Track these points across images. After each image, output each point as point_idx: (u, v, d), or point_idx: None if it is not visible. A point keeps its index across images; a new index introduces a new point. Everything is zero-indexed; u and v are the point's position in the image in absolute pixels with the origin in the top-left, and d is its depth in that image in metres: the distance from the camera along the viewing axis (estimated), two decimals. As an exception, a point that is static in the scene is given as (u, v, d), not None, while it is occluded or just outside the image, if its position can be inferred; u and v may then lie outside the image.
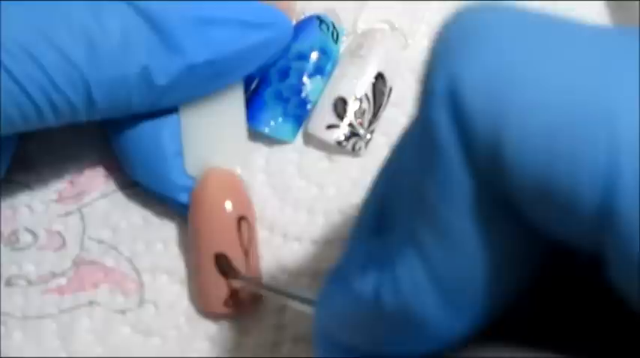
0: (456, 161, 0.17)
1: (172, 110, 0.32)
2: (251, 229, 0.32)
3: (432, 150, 0.17)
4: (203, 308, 0.33)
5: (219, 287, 0.32)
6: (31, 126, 0.29)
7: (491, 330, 0.19)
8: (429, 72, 0.18)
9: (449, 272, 0.18)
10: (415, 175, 0.18)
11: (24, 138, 0.34)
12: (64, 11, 0.28)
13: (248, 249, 0.32)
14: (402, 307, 0.19)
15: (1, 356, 0.33)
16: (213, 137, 0.33)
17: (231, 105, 0.33)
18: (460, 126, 0.17)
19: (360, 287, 0.20)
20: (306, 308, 0.27)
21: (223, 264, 0.32)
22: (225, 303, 0.32)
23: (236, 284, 0.32)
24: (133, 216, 0.34)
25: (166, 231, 0.34)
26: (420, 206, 0.18)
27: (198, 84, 0.31)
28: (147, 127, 0.32)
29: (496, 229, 0.18)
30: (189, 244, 0.33)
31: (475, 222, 0.17)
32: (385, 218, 0.21)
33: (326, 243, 0.34)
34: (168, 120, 0.32)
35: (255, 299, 0.33)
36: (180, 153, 0.33)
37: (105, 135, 0.34)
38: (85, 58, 0.28)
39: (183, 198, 0.33)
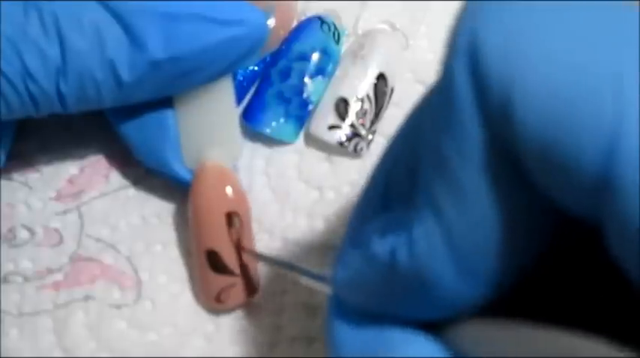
0: (471, 114, 0.18)
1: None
2: (243, 225, 0.32)
3: (449, 104, 0.19)
4: (198, 302, 0.33)
5: (210, 283, 0.32)
6: (16, 114, 0.30)
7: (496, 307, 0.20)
8: (454, 30, 0.19)
9: (462, 234, 0.19)
10: (432, 133, 0.19)
11: (24, 137, 0.34)
12: (39, 6, 0.29)
13: (240, 244, 0.32)
14: (416, 270, 0.20)
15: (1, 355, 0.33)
16: (205, 130, 0.33)
17: (222, 99, 0.33)
18: (476, 79, 0.18)
19: (377, 250, 0.21)
20: (316, 284, 0.28)
21: (214, 260, 0.32)
22: (217, 299, 0.32)
23: (245, 263, 0.32)
24: (133, 216, 0.34)
25: (166, 231, 0.34)
26: (436, 163, 0.19)
27: (167, 80, 0.31)
28: (152, 109, 0.32)
29: (507, 189, 0.18)
30: (189, 243, 0.33)
31: (487, 179, 0.18)
32: (404, 182, 0.22)
33: (325, 246, 0.34)
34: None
35: (249, 296, 0.33)
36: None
37: (105, 134, 0.34)
38: (56, 51, 0.29)
39: (186, 177, 0.33)
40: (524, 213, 0.19)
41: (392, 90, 0.35)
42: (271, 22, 0.33)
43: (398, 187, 0.22)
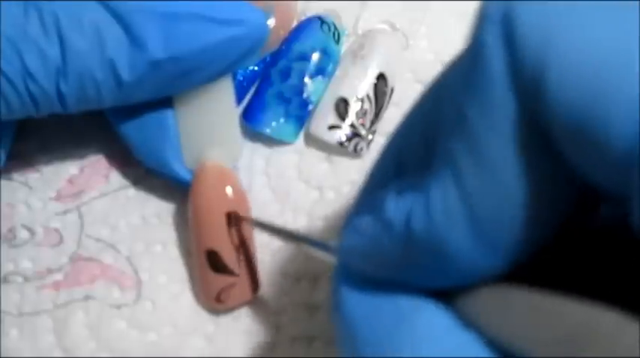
0: (502, 83, 0.18)
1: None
2: (243, 225, 0.32)
3: (480, 72, 0.18)
4: (198, 302, 0.33)
5: (210, 283, 0.32)
6: (17, 114, 0.30)
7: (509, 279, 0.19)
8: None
9: (482, 200, 0.19)
10: (458, 100, 0.19)
11: (24, 137, 0.34)
12: (39, 6, 0.29)
13: (240, 244, 0.32)
14: (431, 235, 0.19)
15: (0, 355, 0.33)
16: (205, 130, 0.33)
17: (222, 99, 0.33)
18: (510, 49, 0.18)
19: (391, 215, 0.20)
20: (321, 254, 0.27)
21: (214, 260, 0.32)
22: (217, 299, 0.32)
23: (248, 228, 0.32)
24: (133, 216, 0.34)
25: (166, 231, 0.34)
26: (461, 128, 0.19)
27: (167, 80, 0.31)
28: (152, 109, 0.32)
29: (533, 159, 0.18)
30: (189, 243, 0.33)
31: (513, 148, 0.18)
32: (419, 151, 0.22)
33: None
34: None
35: (249, 296, 0.33)
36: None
37: (105, 134, 0.34)
38: (56, 51, 0.29)
39: (186, 177, 0.33)
40: (550, 183, 0.19)
41: (392, 90, 0.35)
42: (271, 22, 0.33)
43: (413, 156, 0.22)
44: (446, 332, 0.20)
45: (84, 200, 0.35)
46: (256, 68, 0.35)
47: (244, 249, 0.32)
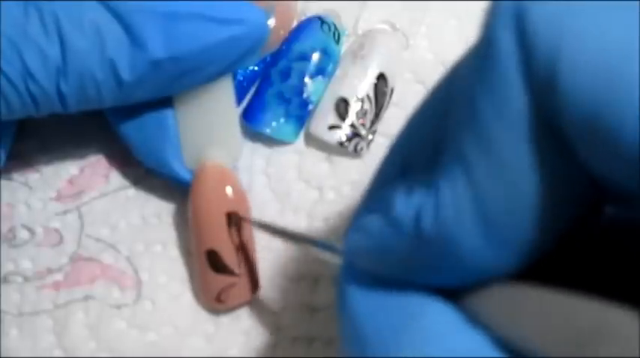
0: (515, 79, 0.18)
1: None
2: (243, 225, 0.32)
3: (492, 68, 0.18)
4: (198, 302, 0.33)
5: (210, 283, 0.32)
6: (17, 114, 0.30)
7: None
8: None
9: (493, 198, 0.18)
10: (470, 94, 0.19)
11: (24, 137, 0.34)
12: (39, 6, 0.29)
13: (240, 244, 0.32)
14: (441, 233, 0.19)
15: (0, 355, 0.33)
16: (205, 130, 0.33)
17: (222, 99, 0.33)
18: (522, 44, 0.18)
19: (400, 213, 0.20)
20: (324, 254, 0.27)
21: (215, 260, 0.32)
22: (217, 299, 0.32)
23: (248, 228, 0.32)
24: (132, 217, 0.34)
25: (166, 231, 0.34)
26: (473, 125, 0.19)
27: (167, 80, 0.31)
28: (152, 109, 0.32)
29: (546, 157, 0.18)
30: (189, 243, 0.33)
31: (525, 145, 0.18)
32: (433, 145, 0.21)
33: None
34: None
35: (249, 296, 0.33)
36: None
37: (105, 134, 0.34)
38: (56, 51, 0.29)
39: (186, 177, 0.33)
40: (563, 181, 0.18)
41: (392, 90, 0.35)
42: (271, 22, 0.33)
43: (421, 154, 0.22)
44: (454, 331, 0.20)
45: (84, 200, 0.35)
46: (256, 68, 0.35)
47: (244, 249, 0.32)
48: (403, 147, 0.23)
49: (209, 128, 0.33)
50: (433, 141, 0.21)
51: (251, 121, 0.34)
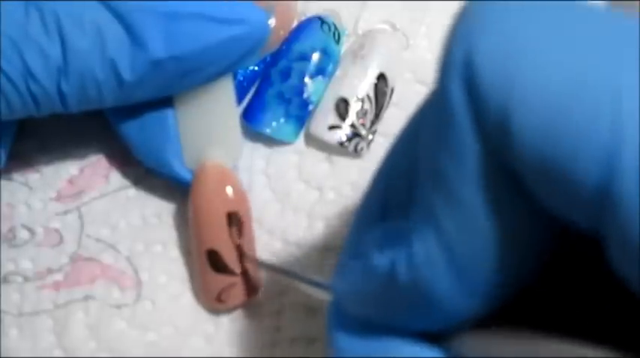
0: (467, 128, 0.18)
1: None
2: (243, 225, 0.32)
3: (445, 118, 0.19)
4: (198, 302, 0.33)
5: (210, 283, 0.32)
6: (17, 114, 0.30)
7: (499, 317, 0.20)
8: (448, 45, 0.19)
9: (461, 246, 0.19)
10: (429, 146, 0.19)
11: (24, 137, 0.34)
12: (40, 6, 0.29)
13: (240, 244, 0.32)
14: (416, 282, 0.20)
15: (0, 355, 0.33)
16: (205, 130, 0.33)
17: (222, 99, 0.33)
18: (472, 94, 0.18)
19: (376, 262, 0.21)
20: (314, 291, 0.28)
21: (215, 260, 0.32)
22: (218, 299, 0.32)
23: (246, 265, 0.32)
24: (132, 217, 0.34)
25: (166, 231, 0.34)
26: (434, 177, 0.19)
27: (168, 80, 0.31)
28: (153, 109, 0.32)
29: (505, 203, 0.18)
30: (189, 243, 0.33)
31: (484, 193, 0.18)
32: (402, 192, 0.22)
33: (325, 247, 0.34)
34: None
35: (249, 296, 0.33)
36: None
37: (105, 134, 0.34)
38: (57, 51, 0.29)
39: (186, 177, 0.33)
40: (524, 225, 0.19)
41: (392, 90, 0.35)
42: (271, 22, 0.33)
43: (397, 197, 0.22)
44: None
45: (84, 200, 0.35)
46: (256, 68, 0.35)
47: (245, 249, 0.32)
48: (381, 189, 0.23)
49: (209, 128, 0.33)
50: (408, 185, 0.22)
51: (251, 121, 0.34)
